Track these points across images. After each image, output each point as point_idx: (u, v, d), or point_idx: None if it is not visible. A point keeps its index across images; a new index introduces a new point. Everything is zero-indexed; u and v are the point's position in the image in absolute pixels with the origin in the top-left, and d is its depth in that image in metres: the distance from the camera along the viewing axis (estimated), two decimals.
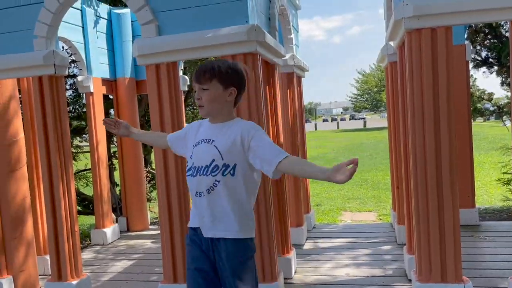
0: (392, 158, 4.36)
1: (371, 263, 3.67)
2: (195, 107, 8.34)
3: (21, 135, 3.53)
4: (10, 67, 3.17)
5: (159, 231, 5.36)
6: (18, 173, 3.45)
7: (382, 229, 4.82)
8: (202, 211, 1.79)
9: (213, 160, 1.77)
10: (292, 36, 4.25)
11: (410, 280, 3.11)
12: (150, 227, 5.64)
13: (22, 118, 3.73)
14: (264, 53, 2.97)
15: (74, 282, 3.22)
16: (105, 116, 5.43)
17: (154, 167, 7.70)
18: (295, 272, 3.54)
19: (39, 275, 3.67)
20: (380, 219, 6.37)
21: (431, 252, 2.64)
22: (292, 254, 3.51)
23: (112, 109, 7.16)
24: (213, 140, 1.80)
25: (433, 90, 2.59)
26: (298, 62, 4.32)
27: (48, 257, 3.90)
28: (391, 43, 3.67)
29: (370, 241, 4.34)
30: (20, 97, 3.79)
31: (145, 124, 7.53)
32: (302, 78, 4.85)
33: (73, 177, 3.32)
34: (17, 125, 3.48)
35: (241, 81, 1.83)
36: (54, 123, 3.16)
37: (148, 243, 4.89)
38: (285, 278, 3.26)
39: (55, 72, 3.12)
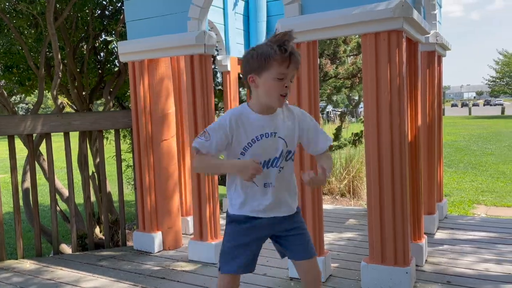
0: None
1: None
2: (319, 88, 8.34)
3: (172, 109, 3.95)
4: (167, 46, 3.55)
5: None
6: (168, 142, 3.88)
7: None
8: (270, 198, 1.91)
9: (282, 151, 1.89)
10: (436, 12, 3.97)
11: None
12: None
13: None
14: (409, 30, 2.84)
15: (213, 242, 3.55)
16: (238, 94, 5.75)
17: None
18: (426, 261, 3.41)
19: (182, 234, 4.13)
20: None
21: None
22: (424, 241, 3.38)
23: (241, 88, 7.56)
24: (275, 133, 1.87)
25: None
26: (441, 39, 4.03)
27: (189, 218, 4.37)
28: None
29: None
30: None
31: None
32: (443, 58, 4.52)
33: None
34: (169, 99, 3.90)
35: None
36: (202, 99, 3.46)
37: None
38: (416, 265, 3.16)
39: (205, 51, 3.40)
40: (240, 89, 7.72)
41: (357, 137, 7.07)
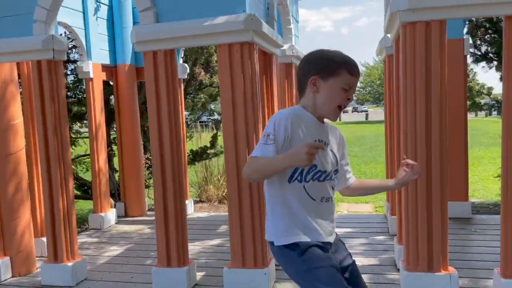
0: (388, 150, 4.39)
1: (364, 253, 3.73)
2: (195, 96, 8.35)
3: (19, 120, 3.57)
4: (9, 50, 3.20)
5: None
6: (15, 157, 3.50)
7: (376, 220, 4.88)
8: (327, 216, 1.66)
9: (334, 164, 1.69)
10: (292, 26, 4.26)
11: (399, 270, 3.17)
12: (148, 213, 5.71)
13: (22, 103, 3.77)
14: (260, 43, 2.99)
15: (70, 264, 3.29)
16: (105, 103, 5.46)
17: None
18: None
19: (37, 257, 3.75)
20: (377, 210, 6.43)
21: (419, 242, 2.70)
22: None
23: (112, 96, 7.20)
24: (328, 144, 1.67)
25: (426, 84, 2.62)
26: (297, 52, 4.33)
27: (45, 239, 3.98)
28: (389, 35, 3.68)
29: (364, 231, 4.39)
30: (20, 82, 3.83)
31: (145, 111, 7.57)
32: None
33: (71, 161, 3.36)
34: (15, 109, 3.52)
35: None
36: (52, 107, 3.20)
37: (145, 228, 4.95)
38: (276, 265, 3.32)
39: (53, 57, 3.15)
40: (111, 96, 7.36)
41: None
